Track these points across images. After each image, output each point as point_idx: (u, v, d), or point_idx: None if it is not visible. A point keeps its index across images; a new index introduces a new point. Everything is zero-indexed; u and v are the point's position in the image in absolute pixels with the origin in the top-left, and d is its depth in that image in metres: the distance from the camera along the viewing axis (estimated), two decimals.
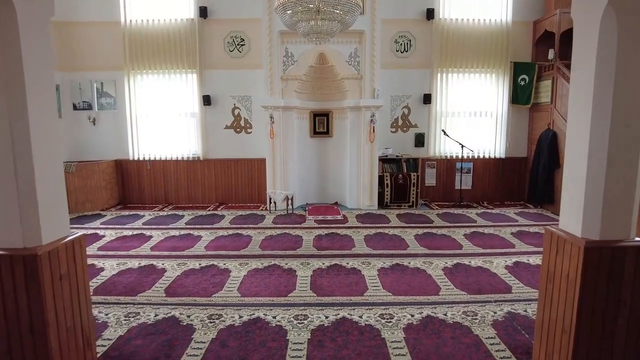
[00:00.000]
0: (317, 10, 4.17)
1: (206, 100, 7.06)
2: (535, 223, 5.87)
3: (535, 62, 7.03)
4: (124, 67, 6.97)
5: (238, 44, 7.05)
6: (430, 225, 5.76)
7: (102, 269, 4.06)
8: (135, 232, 5.48)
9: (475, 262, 4.24)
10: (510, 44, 7.05)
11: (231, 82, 7.12)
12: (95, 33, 7.02)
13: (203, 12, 6.89)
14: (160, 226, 5.79)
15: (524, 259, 4.33)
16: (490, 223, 5.88)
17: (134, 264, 4.21)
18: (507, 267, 4.09)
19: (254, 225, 5.74)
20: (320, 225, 5.70)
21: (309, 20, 4.21)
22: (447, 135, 7.01)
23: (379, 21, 6.49)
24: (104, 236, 5.29)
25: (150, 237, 5.24)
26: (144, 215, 6.44)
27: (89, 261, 4.16)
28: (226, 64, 7.09)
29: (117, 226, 5.79)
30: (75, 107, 7.19)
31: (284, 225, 5.72)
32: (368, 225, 5.74)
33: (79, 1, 6.96)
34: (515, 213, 6.53)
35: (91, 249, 4.67)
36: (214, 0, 6.95)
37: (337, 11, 4.24)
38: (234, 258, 4.35)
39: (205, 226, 5.75)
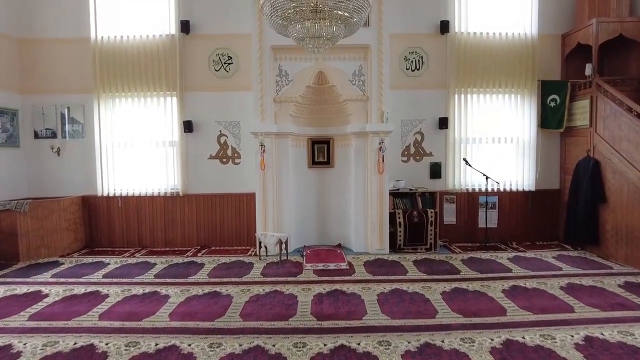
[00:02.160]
0: (314, 9, 3.24)
1: (187, 126, 6.09)
2: (585, 272, 4.76)
3: (567, 80, 6.10)
4: (94, 90, 6.04)
5: (225, 63, 6.15)
6: (458, 276, 4.65)
7: (18, 355, 2.93)
8: (90, 288, 4.37)
9: (530, 337, 3.11)
10: (537, 60, 6.14)
11: (217, 106, 6.17)
12: (61, 51, 6.13)
13: (185, 26, 6.03)
14: (124, 280, 4.68)
15: (595, 331, 3.21)
16: (530, 272, 4.77)
17: (67, 344, 3.09)
18: (577, 346, 2.97)
19: (237, 280, 4.62)
20: (320, 278, 4.59)
21: (304, 21, 3.27)
22: (470, 165, 5.99)
23: (387, 35, 5.61)
24: (47, 295, 4.17)
25: (106, 296, 4.13)
26: (108, 264, 5.34)
27: (7, 340, 3.06)
28: (211, 85, 6.17)
29: (70, 280, 4.68)
30: (36, 135, 6.21)
31: (275, 279, 4.60)
32: (380, 278, 4.62)
33: (42, 15, 6.11)
34: (553, 257, 5.43)
35: (19, 319, 3.56)
36: (197, 14, 6.11)
37: (340, 12, 3.31)
38: (204, 335, 3.22)
39: (177, 280, 4.64)
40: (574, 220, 5.81)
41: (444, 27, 6.11)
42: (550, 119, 6.17)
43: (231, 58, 6.14)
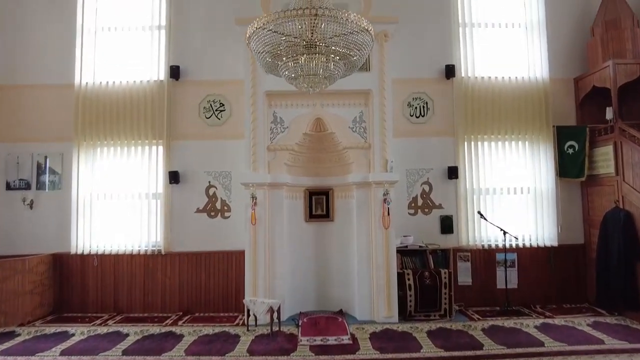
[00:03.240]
0: (309, 43, 2.81)
1: (174, 177, 5.58)
2: (634, 346, 4.01)
3: (584, 124, 5.66)
4: (75, 138, 5.60)
5: (217, 109, 5.76)
6: (481, 353, 3.90)
7: None
8: None
9: None
10: (550, 105, 5.74)
11: (207, 155, 5.70)
12: (42, 97, 5.77)
13: (175, 72, 5.70)
14: (85, 357, 3.94)
15: None
16: (566, 347, 4.02)
17: None
18: None
19: (218, 358, 3.87)
20: (317, 357, 3.84)
21: (297, 56, 2.84)
22: (485, 219, 5.39)
23: (389, 80, 5.24)
24: None
25: None
26: (72, 335, 4.60)
27: None
28: (201, 133, 5.73)
29: (18, 359, 3.93)
30: (8, 187, 5.69)
31: (263, 358, 3.85)
32: (391, 357, 3.86)
33: (24, 61, 5.82)
34: (589, 325, 4.69)
35: None
36: (188, 59, 5.80)
37: (339, 48, 2.89)
38: None
39: (148, 358, 3.90)
40: (605, 280, 5.12)
41: (450, 71, 5.78)
42: (569, 167, 5.65)
43: (223, 105, 5.76)
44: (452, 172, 5.67)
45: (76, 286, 5.60)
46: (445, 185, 5.73)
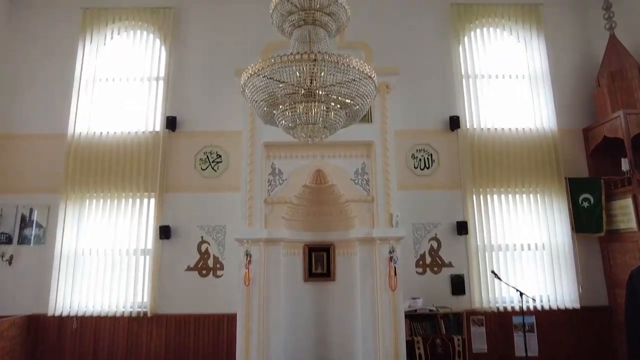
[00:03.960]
0: (308, 91, 2.60)
1: (164, 232, 5.24)
2: None
3: (598, 176, 5.39)
4: (63, 190, 5.33)
5: (213, 161, 5.54)
6: None
7: None
8: None
9: None
10: (560, 157, 5.51)
11: (201, 209, 5.39)
12: (32, 147, 5.57)
13: (171, 123, 5.54)
14: None
15: None
16: None
17: None
18: None
19: None
20: None
21: (295, 104, 2.61)
22: (499, 279, 4.95)
23: (392, 131, 5.06)
24: None
25: None
26: None
27: None
28: (196, 185, 5.47)
29: None
30: None
31: None
32: None
33: (16, 110, 5.68)
34: None
35: None
36: (185, 110, 5.67)
37: (340, 97, 2.67)
38: None
39: None
40: (638, 347, 4.58)
41: (454, 122, 5.61)
42: (586, 221, 5.31)
43: (220, 156, 5.54)
44: (462, 228, 5.32)
45: (51, 353, 5.07)
46: (454, 242, 5.36)
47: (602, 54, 5.69)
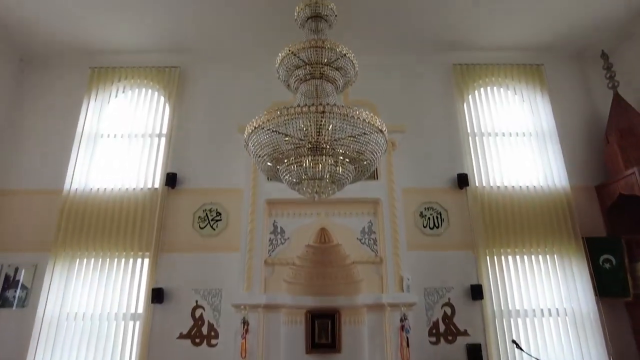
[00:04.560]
0: (315, 145, 2.44)
1: (157, 295, 4.86)
2: None
3: (617, 235, 5.11)
4: (53, 248, 5.03)
5: (213, 219, 5.29)
6: None
7: None
8: None
9: None
10: (575, 215, 5.26)
11: (197, 270, 5.05)
12: (26, 203, 5.36)
13: (171, 180, 5.38)
14: None
15: None
16: None
17: None
18: None
19: None
20: None
21: (301, 158, 2.44)
22: (521, 349, 4.49)
23: (399, 188, 4.88)
24: None
25: None
26: None
27: None
28: (194, 245, 5.18)
29: None
30: None
31: None
32: None
33: (13, 165, 5.55)
34: None
35: None
36: (186, 166, 5.53)
37: (349, 151, 2.51)
38: None
39: None
40: None
41: (462, 180, 5.44)
42: (610, 285, 4.94)
43: (220, 214, 5.31)
44: (476, 292, 4.94)
45: None
46: (469, 307, 4.95)
47: (606, 111, 5.65)
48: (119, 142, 5.68)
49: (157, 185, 5.39)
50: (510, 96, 6.03)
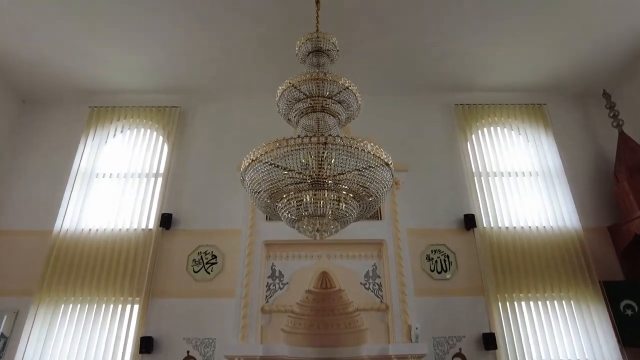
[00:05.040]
0: (316, 179, 2.27)
1: (146, 345, 4.50)
2: None
3: (636, 279, 4.81)
4: (37, 293, 4.72)
5: (207, 262, 5.03)
6: None
7: None
8: None
9: None
10: (589, 257, 4.99)
11: (189, 318, 4.72)
12: (13, 244, 5.12)
13: (166, 220, 5.17)
14: None
15: None
16: None
17: None
18: None
19: None
20: None
21: (302, 194, 2.25)
22: None
23: (404, 230, 4.66)
24: None
25: None
26: None
27: None
28: (187, 290, 4.88)
29: None
30: None
31: None
32: None
33: (3, 207, 5.36)
34: None
35: None
36: (182, 207, 5.34)
37: (353, 186, 2.33)
38: None
39: None
40: None
41: (469, 221, 5.22)
42: (633, 333, 4.59)
43: (216, 257, 5.05)
44: (489, 341, 4.58)
45: None
46: (482, 358, 4.56)
47: (612, 149, 5.56)
48: (114, 182, 5.52)
49: (151, 226, 5.18)
50: (514, 136, 5.94)
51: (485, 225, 5.22)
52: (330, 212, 2.25)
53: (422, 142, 5.85)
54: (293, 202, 2.32)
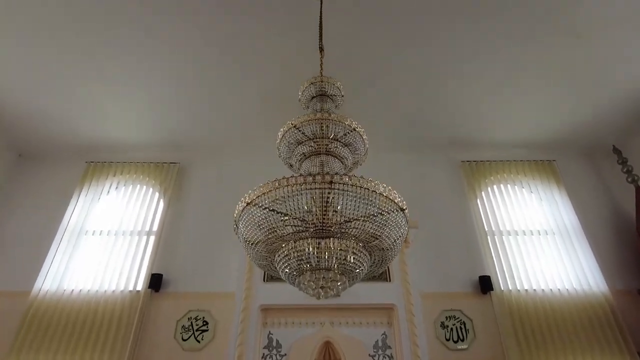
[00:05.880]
0: (320, 226, 1.97)
1: None
2: None
3: None
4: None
5: (198, 329, 4.53)
6: None
7: None
8: None
9: None
10: (621, 324, 4.48)
11: None
12: None
13: (156, 281, 4.75)
14: None
15: None
16: None
17: None
18: None
19: None
20: None
21: (304, 243, 1.94)
22: None
23: (416, 293, 4.25)
24: None
25: None
26: None
27: None
28: None
29: None
30: None
31: None
32: None
33: None
34: None
35: None
36: (174, 267, 4.94)
37: (362, 234, 2.04)
38: None
39: None
40: None
41: (485, 284, 4.79)
42: None
43: (207, 323, 4.56)
44: None
45: None
46: None
47: (630, 205, 5.26)
48: (104, 239, 5.18)
49: (139, 288, 4.75)
50: (526, 193, 5.68)
51: (502, 288, 4.78)
52: (336, 265, 1.92)
53: (429, 199, 5.58)
54: (293, 254, 2.00)
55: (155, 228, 5.28)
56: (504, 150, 5.97)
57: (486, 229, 5.29)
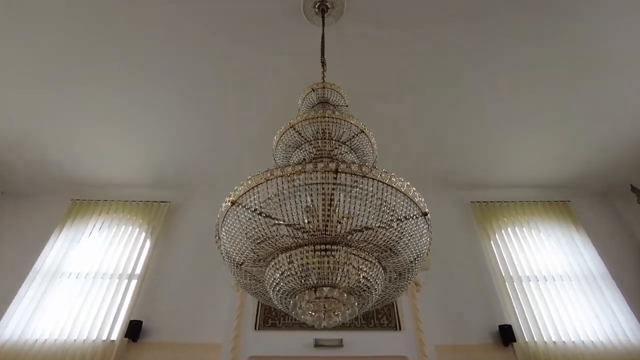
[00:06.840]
0: (322, 235, 1.58)
1: None
2: None
3: None
4: None
5: None
6: None
7: None
8: None
9: None
10: None
11: None
12: None
13: (134, 329, 4.17)
14: None
15: None
16: None
17: None
18: None
19: None
20: None
21: (303, 256, 1.53)
22: None
23: (430, 343, 3.69)
24: None
25: None
26: None
27: None
28: None
29: None
30: None
31: None
32: None
33: None
34: None
35: None
36: (155, 314, 4.39)
37: (372, 244, 1.64)
38: None
39: None
40: None
41: (507, 335, 4.21)
42: None
43: None
44: None
45: None
46: None
47: None
48: (80, 283, 4.66)
49: (114, 337, 4.17)
50: (543, 235, 5.25)
51: (527, 340, 4.20)
52: (343, 282, 1.50)
53: (440, 241, 5.08)
54: (287, 271, 1.58)
55: (138, 271, 4.78)
56: (513, 190, 5.63)
57: (503, 274, 4.80)
